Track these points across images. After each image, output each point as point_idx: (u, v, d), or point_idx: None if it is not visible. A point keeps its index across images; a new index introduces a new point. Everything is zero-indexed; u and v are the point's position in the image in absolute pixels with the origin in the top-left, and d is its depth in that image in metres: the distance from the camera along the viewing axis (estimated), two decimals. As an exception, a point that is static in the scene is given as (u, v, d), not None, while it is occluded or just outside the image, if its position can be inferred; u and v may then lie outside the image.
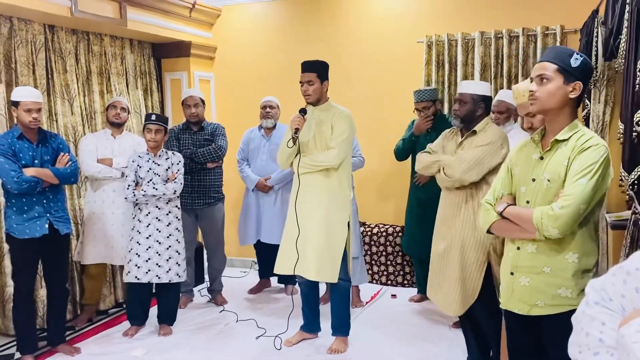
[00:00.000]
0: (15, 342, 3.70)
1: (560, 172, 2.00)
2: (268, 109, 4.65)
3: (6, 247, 3.82)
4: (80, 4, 4.03)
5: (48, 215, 3.50)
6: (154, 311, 4.17)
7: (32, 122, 3.40)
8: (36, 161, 3.47)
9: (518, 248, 2.13)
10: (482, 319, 3.16)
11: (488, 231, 2.23)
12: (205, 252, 5.03)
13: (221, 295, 4.74)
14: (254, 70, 5.55)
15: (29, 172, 3.39)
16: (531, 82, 2.09)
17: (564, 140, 2.03)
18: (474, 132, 3.13)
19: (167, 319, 4.08)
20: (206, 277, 5.10)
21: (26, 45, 4.05)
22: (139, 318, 4.08)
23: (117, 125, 4.25)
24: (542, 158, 2.09)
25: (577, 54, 2.01)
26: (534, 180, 2.08)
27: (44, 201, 3.50)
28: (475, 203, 3.05)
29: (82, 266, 4.34)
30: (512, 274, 2.15)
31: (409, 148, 4.44)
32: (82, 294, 4.40)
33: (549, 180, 2.03)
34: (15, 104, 3.41)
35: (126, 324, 4.13)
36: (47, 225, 3.48)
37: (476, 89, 3.18)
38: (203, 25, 5.53)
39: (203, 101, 4.57)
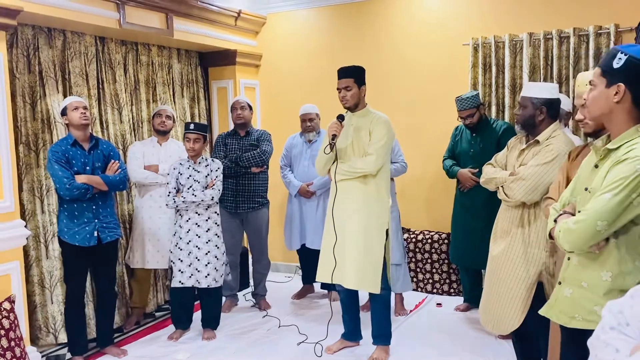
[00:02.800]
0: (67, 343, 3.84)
1: (599, 183, 1.88)
2: (308, 123, 4.67)
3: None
4: (128, 15, 4.17)
5: (96, 221, 3.62)
6: (199, 315, 4.23)
7: (82, 117, 3.55)
8: (87, 168, 3.61)
9: (569, 258, 2.05)
10: (532, 330, 3.04)
11: (550, 237, 2.16)
12: (250, 256, 5.09)
13: (265, 300, 4.78)
14: (298, 77, 5.58)
15: (81, 179, 3.52)
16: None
17: (615, 149, 1.87)
18: (537, 142, 2.93)
19: (210, 323, 4.14)
20: (251, 281, 5.15)
21: (79, 57, 4.21)
22: (183, 322, 4.16)
23: (162, 133, 4.37)
24: (596, 166, 1.96)
25: (623, 52, 1.82)
26: (586, 189, 1.97)
27: (93, 207, 3.62)
28: (532, 221, 2.89)
29: (131, 269, 4.47)
30: (560, 283, 2.08)
31: (453, 164, 4.35)
32: (131, 296, 4.52)
33: (587, 190, 1.94)
34: (64, 110, 3.60)
35: (172, 328, 4.22)
36: (96, 234, 3.60)
37: (538, 92, 2.94)
38: (248, 34, 5.61)
39: (250, 106, 4.64)
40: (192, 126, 3.94)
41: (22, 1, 3.41)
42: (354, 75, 3.46)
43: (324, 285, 4.92)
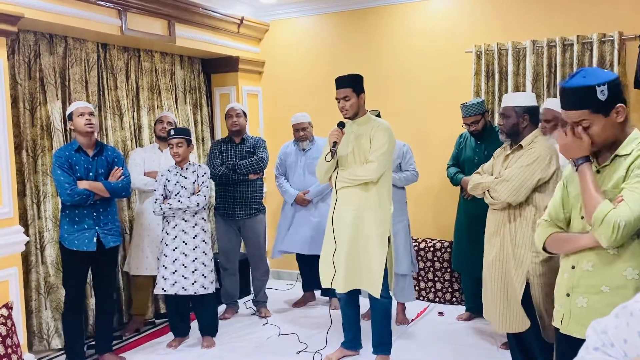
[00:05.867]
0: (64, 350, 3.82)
1: (618, 184, 1.89)
2: (301, 132, 4.66)
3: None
4: (130, 22, 4.17)
5: (97, 227, 3.60)
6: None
7: (87, 124, 3.55)
8: (90, 174, 3.60)
9: (573, 267, 1.99)
10: (532, 345, 3.01)
11: (544, 249, 2.12)
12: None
13: (265, 308, 4.75)
14: (301, 84, 5.57)
15: (83, 184, 3.52)
16: (564, 126, 1.98)
17: (625, 155, 1.92)
18: (520, 147, 3.05)
19: (208, 330, 4.11)
20: (252, 288, 5.11)
21: (80, 64, 4.22)
22: (181, 329, 4.13)
23: (164, 139, 4.35)
24: (598, 172, 1.97)
25: (599, 85, 1.86)
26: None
27: (94, 214, 3.61)
28: (517, 222, 2.96)
29: (130, 276, 4.45)
30: (568, 295, 2.01)
31: (457, 171, 4.32)
32: (131, 303, 4.50)
33: (603, 192, 1.91)
34: (70, 116, 3.60)
35: (172, 335, 4.18)
36: (95, 240, 3.58)
37: (518, 101, 3.10)
38: (251, 41, 5.61)
39: (245, 113, 4.63)
40: (172, 131, 3.92)
41: (23, 7, 3.42)
42: (351, 84, 3.43)
43: (324, 292, 4.89)
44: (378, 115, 3.98)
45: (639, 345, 1.02)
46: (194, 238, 3.95)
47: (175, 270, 3.90)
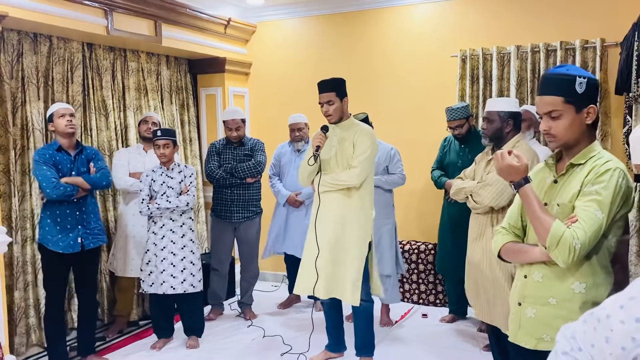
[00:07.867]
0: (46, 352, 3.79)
1: (573, 197, 1.87)
2: (297, 132, 4.67)
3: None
4: (116, 22, 4.15)
5: (80, 227, 3.58)
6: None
7: (67, 125, 3.54)
8: (73, 172, 3.59)
9: (525, 276, 1.99)
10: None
11: (499, 256, 2.09)
12: (237, 264, 5.06)
13: (250, 310, 4.75)
14: (288, 86, 5.58)
15: (63, 180, 3.49)
16: (540, 118, 1.94)
17: (579, 165, 1.90)
18: None
19: (193, 330, 4.11)
20: (237, 290, 5.12)
21: (63, 63, 4.19)
22: (165, 330, 4.12)
23: (148, 140, 4.33)
24: (556, 182, 1.96)
25: (580, 76, 1.84)
26: (546, 204, 1.94)
27: (77, 213, 3.59)
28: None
29: (114, 277, 4.43)
30: (519, 304, 2.01)
31: (442, 174, 4.36)
32: (114, 305, 4.48)
33: (558, 205, 1.90)
34: (50, 117, 3.58)
35: (155, 337, 4.17)
36: (79, 240, 3.56)
37: (503, 106, 3.14)
38: (238, 42, 5.61)
39: (244, 120, 4.57)
40: (159, 132, 3.91)
41: (7, 6, 3.39)
42: (335, 88, 3.42)
43: (310, 295, 4.89)
44: (366, 118, 4.00)
45: (605, 350, 1.06)
46: (182, 237, 3.95)
47: (164, 270, 3.90)
